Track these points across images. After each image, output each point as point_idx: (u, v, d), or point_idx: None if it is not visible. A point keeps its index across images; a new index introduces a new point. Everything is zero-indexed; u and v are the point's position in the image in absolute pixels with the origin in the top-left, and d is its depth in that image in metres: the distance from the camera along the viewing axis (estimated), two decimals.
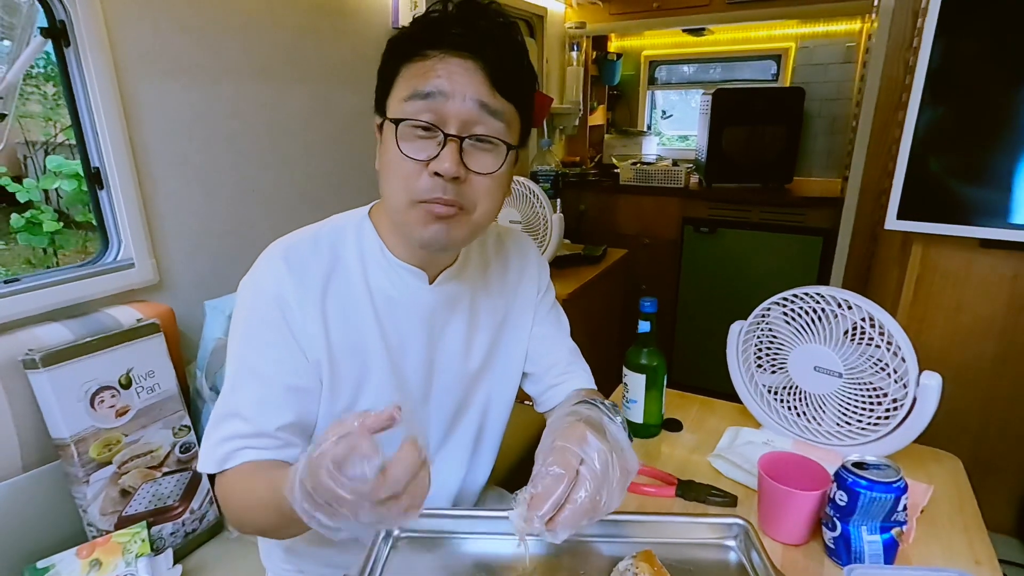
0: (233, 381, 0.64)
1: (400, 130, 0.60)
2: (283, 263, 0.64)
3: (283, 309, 0.63)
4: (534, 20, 2.62)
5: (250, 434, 0.62)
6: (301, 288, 0.64)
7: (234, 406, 0.63)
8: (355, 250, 0.69)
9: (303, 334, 0.64)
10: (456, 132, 0.59)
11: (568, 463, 0.52)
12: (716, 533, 0.68)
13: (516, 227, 1.69)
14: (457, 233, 0.63)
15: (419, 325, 0.71)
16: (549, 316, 0.84)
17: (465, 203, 0.62)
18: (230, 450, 0.62)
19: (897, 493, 0.62)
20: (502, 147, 0.62)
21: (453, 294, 0.73)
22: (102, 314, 1.08)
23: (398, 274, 0.69)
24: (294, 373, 0.64)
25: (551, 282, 0.86)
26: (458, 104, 0.58)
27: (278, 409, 0.63)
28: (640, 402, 0.92)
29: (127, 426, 1.01)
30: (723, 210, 2.47)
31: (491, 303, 0.78)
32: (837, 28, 2.58)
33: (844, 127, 2.59)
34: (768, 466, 0.71)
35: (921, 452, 0.87)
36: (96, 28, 1.06)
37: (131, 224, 1.16)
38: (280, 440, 0.63)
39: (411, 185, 0.60)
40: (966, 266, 1.26)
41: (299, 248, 0.66)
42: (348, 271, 0.68)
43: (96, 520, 0.97)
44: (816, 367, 0.84)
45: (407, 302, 0.70)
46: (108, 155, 1.11)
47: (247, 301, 0.65)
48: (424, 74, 0.59)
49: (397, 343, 0.70)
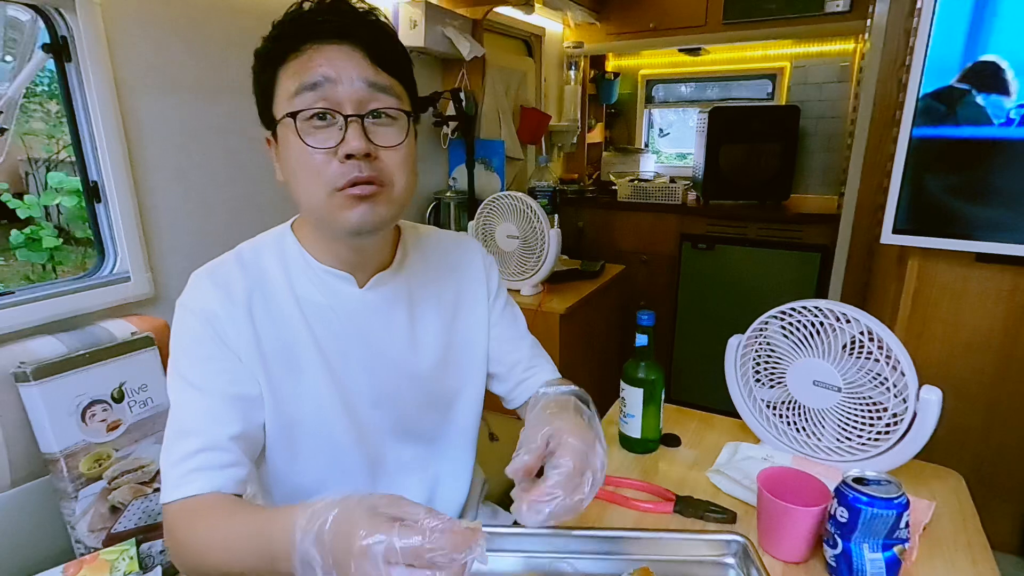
0: (178, 401, 0.64)
1: (299, 125, 0.60)
2: (208, 281, 0.66)
3: (213, 323, 0.64)
4: (532, 40, 2.66)
5: (202, 448, 0.61)
6: (227, 301, 0.65)
7: (182, 424, 0.63)
8: (277, 262, 0.69)
9: (236, 345, 0.65)
10: (354, 112, 0.60)
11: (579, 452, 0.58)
12: (715, 550, 0.67)
13: (513, 242, 1.69)
14: (382, 211, 0.63)
15: (353, 329, 0.70)
16: (505, 315, 0.84)
17: (382, 179, 0.62)
18: (184, 472, 0.60)
19: (899, 509, 0.61)
20: (402, 118, 0.63)
21: (389, 295, 0.73)
22: (97, 327, 1.08)
23: (323, 280, 0.69)
24: (235, 382, 0.64)
25: (502, 282, 0.87)
26: (347, 87, 0.59)
27: (225, 419, 0.63)
28: (638, 417, 0.91)
29: (118, 441, 1.00)
30: (721, 227, 2.47)
31: (436, 302, 0.77)
32: (831, 48, 2.61)
33: (839, 145, 2.61)
34: (767, 482, 0.70)
35: (922, 468, 0.86)
36: (98, 44, 1.07)
37: (128, 237, 1.16)
38: (232, 454, 0.62)
39: (325, 175, 0.60)
40: (963, 280, 1.26)
41: (223, 267, 0.68)
42: (273, 283, 0.68)
43: (84, 537, 0.95)
44: (815, 381, 0.84)
45: (337, 307, 0.70)
46: (107, 169, 1.12)
47: (179, 322, 0.66)
48: (304, 68, 0.59)
49: (334, 349, 0.70)
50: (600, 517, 0.78)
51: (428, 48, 1.86)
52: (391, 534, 0.42)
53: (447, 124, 2.07)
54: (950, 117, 1.13)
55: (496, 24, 2.32)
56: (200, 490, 0.59)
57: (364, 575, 0.41)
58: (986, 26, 1.10)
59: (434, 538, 0.42)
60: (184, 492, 0.59)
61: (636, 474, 0.88)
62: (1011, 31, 1.08)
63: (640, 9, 2.66)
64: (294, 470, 0.70)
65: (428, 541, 0.41)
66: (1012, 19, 1.08)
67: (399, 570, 0.41)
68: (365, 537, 0.42)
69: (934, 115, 1.15)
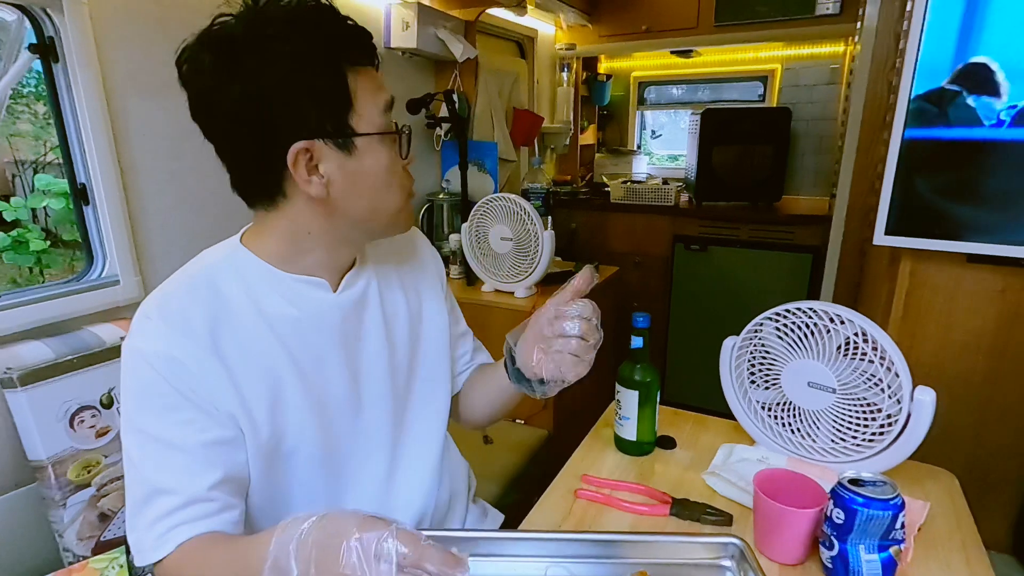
0: (141, 459, 0.58)
1: (389, 140, 0.63)
2: (161, 321, 0.59)
3: (174, 370, 0.57)
4: (525, 41, 2.66)
5: (182, 505, 0.56)
6: (188, 341, 0.58)
7: (153, 484, 0.57)
8: (237, 282, 0.63)
9: (204, 388, 0.59)
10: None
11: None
12: (711, 553, 0.67)
13: (507, 244, 1.69)
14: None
15: (333, 338, 0.68)
16: (454, 312, 0.87)
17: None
18: (164, 530, 0.55)
19: (895, 510, 0.61)
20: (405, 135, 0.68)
21: (360, 295, 0.71)
22: (85, 332, 1.06)
23: (296, 291, 0.65)
24: (207, 428, 0.59)
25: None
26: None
27: (202, 470, 0.58)
28: (633, 419, 0.91)
29: (107, 447, 0.98)
30: (713, 228, 2.48)
31: (400, 297, 0.77)
32: (821, 50, 2.63)
33: (830, 146, 2.63)
34: (763, 484, 0.70)
35: (916, 469, 0.86)
36: (85, 45, 1.06)
37: (116, 240, 1.14)
38: (216, 502, 0.58)
39: (405, 184, 0.66)
40: (954, 281, 1.27)
41: (175, 299, 0.61)
42: (235, 306, 0.62)
43: (73, 545, 0.94)
44: (810, 383, 0.84)
45: (313, 318, 0.66)
46: (95, 171, 1.10)
47: (132, 371, 0.59)
48: (378, 86, 0.62)
49: (311, 363, 0.66)
50: (596, 520, 0.78)
51: (420, 50, 1.85)
52: (386, 531, 0.42)
53: (440, 126, 2.06)
54: (941, 118, 1.14)
55: (489, 26, 2.31)
56: (179, 542, 0.56)
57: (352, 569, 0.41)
58: (977, 28, 1.11)
59: (427, 551, 0.42)
60: (165, 550, 0.56)
61: (632, 476, 0.87)
62: (1002, 33, 1.09)
63: (632, 11, 2.67)
64: (271, 494, 0.67)
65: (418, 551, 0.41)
66: (1003, 21, 1.09)
67: (387, 567, 0.41)
68: (360, 532, 0.42)
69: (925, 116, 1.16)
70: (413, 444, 0.78)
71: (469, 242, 1.75)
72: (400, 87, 1.96)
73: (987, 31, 1.10)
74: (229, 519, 0.59)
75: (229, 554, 0.54)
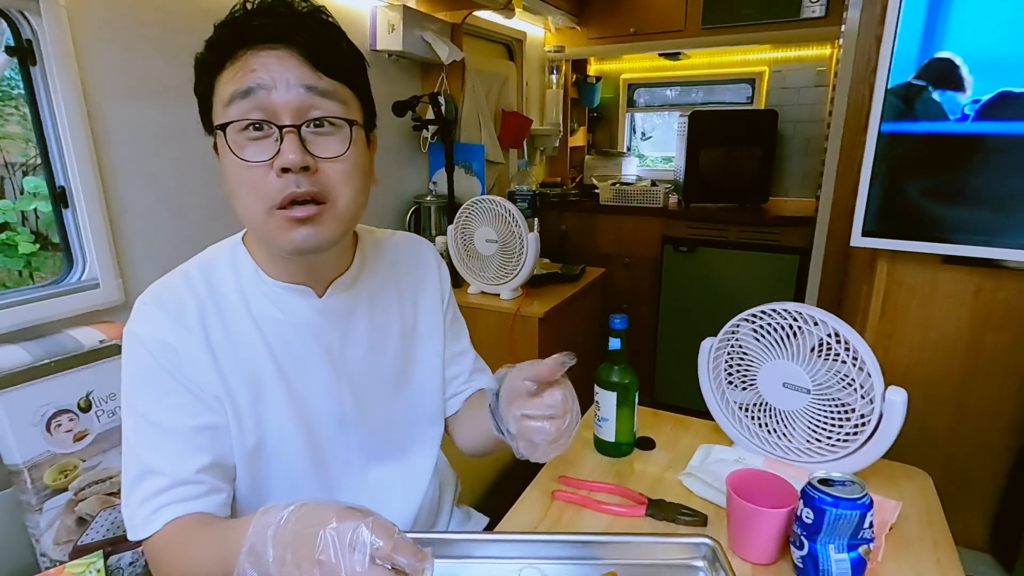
0: (136, 440, 0.61)
1: (230, 136, 0.56)
2: (156, 309, 0.62)
3: (168, 355, 0.60)
4: (513, 44, 2.67)
5: (170, 486, 0.58)
6: (181, 329, 0.61)
7: (145, 464, 0.60)
8: (232, 279, 0.65)
9: (195, 374, 0.61)
10: (291, 121, 0.55)
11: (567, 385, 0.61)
12: (684, 553, 0.67)
13: (492, 246, 1.69)
14: (325, 230, 0.59)
15: (314, 344, 0.68)
16: (453, 327, 0.84)
17: (324, 195, 0.58)
18: (153, 509, 0.58)
19: (863, 510, 0.62)
20: (345, 127, 0.58)
21: (348, 304, 0.70)
22: (64, 335, 1.06)
23: (281, 296, 0.66)
24: (197, 413, 0.61)
25: (452, 289, 0.85)
26: (283, 93, 0.55)
27: (192, 453, 0.60)
28: (612, 420, 0.91)
29: (85, 451, 0.98)
30: (702, 229, 2.49)
31: (394, 309, 0.76)
32: (808, 53, 2.65)
33: (817, 148, 2.65)
34: (737, 484, 0.71)
35: (891, 468, 0.87)
36: (63, 47, 1.06)
37: (96, 243, 1.14)
38: (204, 485, 0.60)
39: (260, 191, 0.56)
40: (931, 282, 1.28)
41: (171, 289, 0.63)
42: (228, 303, 0.64)
43: (49, 550, 0.93)
44: (785, 383, 0.84)
45: (296, 323, 0.67)
46: (74, 173, 1.10)
47: (130, 355, 0.62)
48: (238, 74, 0.55)
49: (294, 368, 0.67)
50: (572, 521, 0.78)
51: (406, 52, 1.85)
52: (362, 523, 0.42)
53: (427, 128, 2.06)
54: (908, 113, 1.15)
55: (476, 28, 2.32)
56: (167, 520, 0.58)
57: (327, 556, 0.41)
58: (941, 23, 1.12)
59: (399, 544, 0.42)
60: (154, 527, 0.58)
61: (610, 478, 0.88)
62: (965, 28, 1.10)
63: (620, 14, 2.68)
64: (257, 495, 0.67)
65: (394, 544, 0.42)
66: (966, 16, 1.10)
67: (360, 557, 0.41)
68: (337, 522, 0.42)
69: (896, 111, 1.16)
70: (403, 455, 0.78)
71: (455, 244, 1.75)
72: (386, 89, 1.96)
73: (951, 26, 1.11)
74: (216, 501, 0.61)
75: (211, 536, 0.55)
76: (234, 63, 0.56)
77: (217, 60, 0.57)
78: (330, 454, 0.70)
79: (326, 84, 0.57)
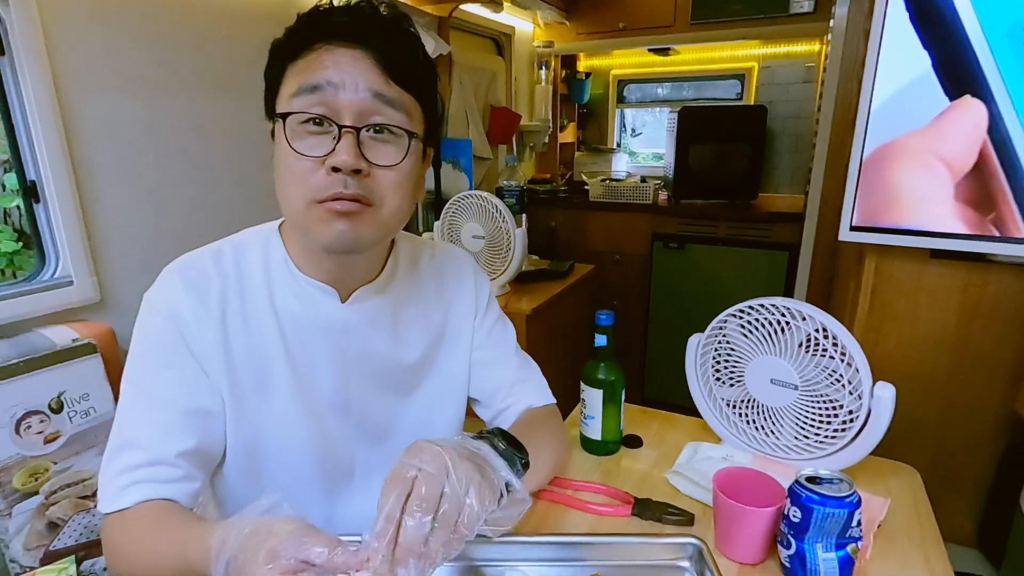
0: (128, 407, 0.60)
1: (289, 126, 0.56)
2: (180, 280, 0.61)
3: (180, 328, 0.60)
4: (502, 39, 2.65)
5: (146, 463, 0.57)
6: (199, 306, 0.60)
7: (129, 435, 0.59)
8: (260, 267, 0.65)
9: (201, 352, 0.61)
10: (352, 123, 0.55)
11: (399, 475, 0.45)
12: (670, 553, 0.65)
13: (479, 242, 1.67)
14: (363, 230, 0.58)
15: (329, 344, 0.67)
16: (492, 336, 0.80)
17: (370, 199, 0.57)
18: (124, 484, 0.56)
19: (850, 508, 0.60)
20: (404, 137, 0.58)
21: (373, 311, 0.69)
22: (35, 334, 1.03)
23: (305, 292, 0.65)
24: (194, 395, 0.60)
25: (493, 297, 0.83)
26: (350, 95, 0.55)
27: (177, 434, 0.59)
28: (598, 418, 0.90)
29: (57, 453, 0.95)
30: (692, 226, 2.49)
31: (423, 320, 0.74)
32: (797, 49, 2.65)
33: (806, 144, 2.65)
34: (723, 482, 0.69)
35: (879, 465, 0.86)
36: (33, 38, 1.02)
37: (69, 240, 1.11)
38: (180, 470, 0.58)
39: (307, 184, 0.55)
40: (918, 277, 1.28)
41: (199, 264, 0.63)
42: (252, 289, 0.64)
43: (19, 556, 0.90)
44: (772, 379, 0.83)
45: (315, 320, 0.66)
46: (44, 168, 1.07)
47: (143, 320, 0.61)
48: (310, 67, 0.55)
49: (305, 363, 0.66)
50: (558, 521, 0.76)
51: None
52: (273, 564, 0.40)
53: None
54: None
55: (464, 22, 2.29)
56: (136, 501, 0.56)
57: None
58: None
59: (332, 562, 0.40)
60: (121, 504, 0.56)
61: (596, 476, 0.86)
62: None
63: (609, 9, 2.67)
64: (253, 484, 0.67)
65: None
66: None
67: None
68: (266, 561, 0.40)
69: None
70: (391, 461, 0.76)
71: (441, 240, 1.73)
72: None
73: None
74: (187, 490, 0.59)
75: (173, 545, 0.53)
76: (308, 55, 0.56)
77: (292, 49, 0.57)
78: (332, 448, 0.69)
79: (394, 92, 0.57)
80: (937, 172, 1.10)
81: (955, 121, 1.09)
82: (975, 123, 1.07)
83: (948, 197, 1.11)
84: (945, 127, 1.10)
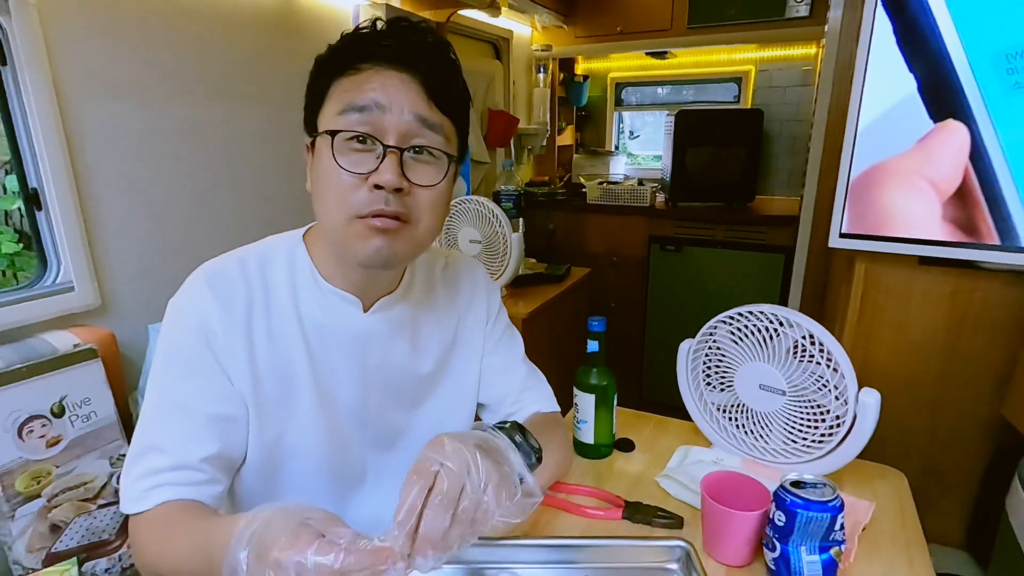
0: (153, 412, 0.61)
1: (336, 143, 0.58)
2: (207, 289, 0.62)
3: (207, 337, 0.61)
4: (500, 43, 2.66)
5: (170, 467, 0.59)
6: (225, 315, 0.62)
7: (153, 439, 0.60)
8: (285, 275, 0.66)
9: (228, 361, 0.62)
10: (395, 143, 0.57)
11: (423, 469, 0.47)
12: (658, 556, 0.67)
13: (476, 247, 1.68)
14: (400, 247, 0.60)
15: (350, 352, 0.69)
16: (501, 344, 0.82)
17: (408, 216, 0.59)
18: (148, 487, 0.58)
19: (833, 512, 0.62)
20: (443, 160, 0.61)
21: (394, 320, 0.71)
22: (37, 339, 1.04)
23: (330, 301, 0.67)
24: (218, 401, 0.62)
25: (503, 306, 0.85)
26: (396, 117, 0.57)
27: (201, 439, 0.60)
28: (590, 422, 0.91)
29: (59, 457, 0.97)
30: (688, 229, 2.50)
31: (438, 328, 0.76)
32: (794, 52, 2.66)
33: (803, 147, 2.66)
34: (711, 486, 0.71)
35: (866, 468, 0.88)
36: (35, 47, 1.04)
37: (71, 246, 1.12)
38: (204, 474, 0.60)
39: (349, 199, 0.58)
40: (907, 283, 1.29)
41: (225, 272, 0.64)
42: (277, 297, 0.65)
43: (22, 558, 0.92)
44: (761, 385, 0.84)
45: (338, 328, 0.68)
46: (47, 175, 1.08)
47: (170, 328, 0.63)
48: (358, 87, 0.58)
49: (328, 371, 0.68)
50: (549, 525, 0.78)
51: None
52: (305, 552, 0.41)
53: None
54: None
55: (462, 27, 2.31)
56: (159, 502, 0.58)
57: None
58: None
59: (346, 561, 0.41)
60: (144, 506, 0.58)
61: (589, 480, 0.88)
62: None
63: (607, 13, 2.68)
64: (268, 485, 0.68)
65: (339, 563, 0.41)
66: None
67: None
68: (281, 549, 0.42)
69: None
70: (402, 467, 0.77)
71: (438, 244, 1.74)
72: None
73: None
74: (211, 492, 0.61)
75: (195, 537, 0.54)
76: (354, 75, 0.58)
77: (339, 65, 0.59)
78: (346, 454, 0.71)
79: (436, 117, 0.60)
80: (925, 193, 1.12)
81: (942, 143, 1.11)
82: (959, 146, 1.10)
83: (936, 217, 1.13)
84: (933, 148, 1.12)
